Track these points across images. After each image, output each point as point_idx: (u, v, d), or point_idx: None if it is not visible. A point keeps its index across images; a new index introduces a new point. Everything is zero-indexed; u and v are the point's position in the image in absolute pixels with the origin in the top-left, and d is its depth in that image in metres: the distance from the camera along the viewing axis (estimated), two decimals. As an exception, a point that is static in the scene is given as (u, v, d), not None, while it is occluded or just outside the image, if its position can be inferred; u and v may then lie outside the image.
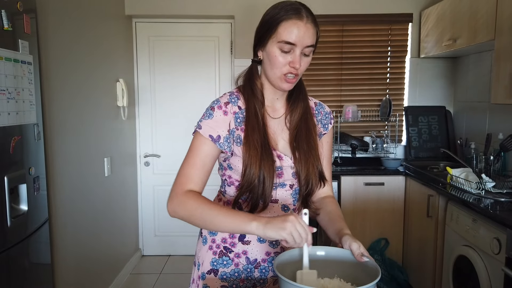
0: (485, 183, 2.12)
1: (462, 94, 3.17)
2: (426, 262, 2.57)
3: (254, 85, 1.14)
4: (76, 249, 2.30)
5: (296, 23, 1.03)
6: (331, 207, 1.19)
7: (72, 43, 2.30)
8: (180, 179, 1.08)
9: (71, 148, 2.26)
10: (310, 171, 1.13)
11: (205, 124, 1.10)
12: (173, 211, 1.05)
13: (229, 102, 1.13)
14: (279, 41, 1.04)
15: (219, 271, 1.17)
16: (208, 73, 3.47)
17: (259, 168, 1.06)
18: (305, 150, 1.13)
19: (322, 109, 1.27)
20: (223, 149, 1.09)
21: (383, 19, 3.25)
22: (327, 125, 1.25)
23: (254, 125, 1.09)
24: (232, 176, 1.15)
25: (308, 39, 1.04)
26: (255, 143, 1.07)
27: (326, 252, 1.02)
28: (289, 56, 1.05)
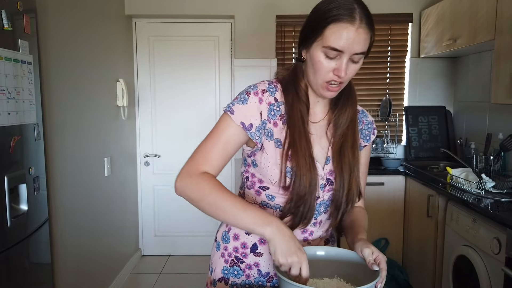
0: (485, 183, 2.12)
1: (462, 94, 3.17)
2: (426, 262, 2.57)
3: (298, 86, 1.03)
4: (76, 249, 2.30)
5: (346, 28, 0.90)
6: (357, 215, 1.11)
7: (72, 43, 2.30)
8: (197, 158, 0.98)
9: (71, 148, 2.26)
10: (353, 184, 1.03)
11: (238, 109, 0.99)
12: (182, 189, 0.96)
13: (266, 90, 1.03)
14: (325, 45, 0.92)
15: (229, 280, 1.12)
16: (208, 73, 3.47)
17: (308, 181, 0.97)
18: (350, 160, 1.03)
19: (365, 118, 1.15)
20: (254, 139, 1.00)
21: (383, 19, 3.25)
22: (368, 136, 1.14)
23: (301, 132, 0.99)
24: (255, 175, 1.06)
25: (358, 46, 0.92)
26: (304, 152, 0.97)
27: (326, 252, 1.02)
28: (335, 63, 0.94)
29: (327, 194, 1.06)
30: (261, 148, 1.02)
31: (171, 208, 3.57)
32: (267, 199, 1.06)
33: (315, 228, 1.09)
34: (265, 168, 1.02)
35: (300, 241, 1.09)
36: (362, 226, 1.07)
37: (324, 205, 1.08)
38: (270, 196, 1.05)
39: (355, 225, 1.07)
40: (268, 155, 1.01)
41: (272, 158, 1.01)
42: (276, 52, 3.31)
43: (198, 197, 0.95)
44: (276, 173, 1.01)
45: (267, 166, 1.02)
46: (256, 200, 1.08)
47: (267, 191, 1.05)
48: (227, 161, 1.01)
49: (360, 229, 1.04)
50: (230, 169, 3.52)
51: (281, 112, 1.03)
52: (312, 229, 1.09)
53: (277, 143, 1.01)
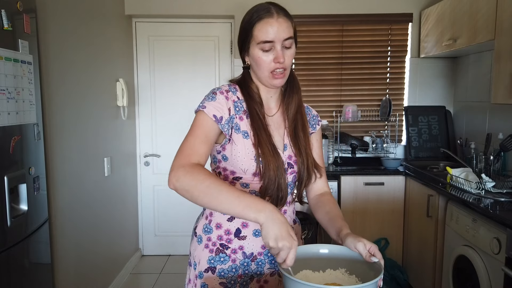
0: (485, 183, 2.12)
1: (462, 94, 3.17)
2: (426, 262, 2.57)
3: (250, 89, 1.18)
4: (76, 249, 2.30)
5: (268, 22, 1.08)
6: (329, 206, 1.21)
7: (72, 43, 2.30)
8: (185, 150, 1.05)
9: (71, 148, 2.26)
10: (309, 160, 1.19)
11: (208, 105, 1.11)
12: (175, 180, 0.99)
13: (229, 90, 1.17)
14: (258, 42, 1.09)
15: (216, 268, 1.17)
16: (208, 73, 3.47)
17: (275, 166, 1.10)
18: (303, 140, 1.19)
19: (310, 112, 1.32)
20: (223, 131, 1.11)
21: (383, 19, 3.25)
22: (315, 125, 1.31)
23: (260, 126, 1.13)
24: (226, 168, 1.15)
25: (283, 33, 1.08)
26: (266, 142, 1.11)
27: (329, 250, 1.03)
28: (271, 54, 1.10)
29: (290, 176, 1.20)
30: (229, 140, 1.13)
31: (171, 208, 3.57)
32: (242, 187, 1.16)
33: (287, 207, 1.21)
34: (235, 159, 1.13)
35: None
36: (340, 217, 1.15)
37: (290, 188, 1.21)
38: (244, 184, 1.15)
39: (333, 218, 1.16)
40: (238, 146, 1.13)
41: (242, 149, 1.12)
42: (276, 52, 3.31)
43: (192, 185, 0.97)
44: (247, 163, 1.12)
45: (238, 157, 1.12)
46: None
47: (241, 180, 1.15)
48: (210, 149, 1.10)
49: (341, 222, 1.12)
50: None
51: (244, 108, 1.17)
52: (285, 208, 1.21)
53: (245, 134, 1.14)
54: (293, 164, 1.19)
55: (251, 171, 1.12)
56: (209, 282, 1.17)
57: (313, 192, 1.28)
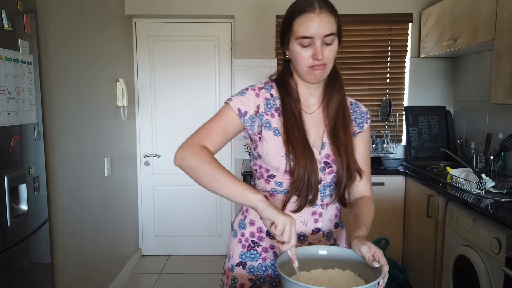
0: (485, 183, 2.12)
1: (462, 94, 3.17)
2: (426, 262, 2.57)
3: (287, 84, 1.16)
4: (76, 248, 2.30)
5: (308, 17, 1.04)
6: (361, 209, 1.16)
7: (72, 43, 2.30)
8: (199, 133, 1.09)
9: (71, 148, 2.26)
10: (350, 160, 1.13)
11: (235, 99, 1.13)
12: (182, 157, 1.04)
13: (263, 88, 1.16)
14: (297, 37, 1.06)
15: (247, 264, 1.19)
16: (208, 73, 3.47)
17: (306, 163, 1.07)
18: (344, 140, 1.13)
19: (358, 109, 1.25)
20: (245, 125, 1.12)
21: (383, 19, 3.25)
22: (362, 124, 1.23)
23: (292, 121, 1.11)
24: (262, 166, 1.16)
25: (324, 29, 1.04)
26: (298, 139, 1.09)
27: (328, 252, 1.03)
28: (310, 49, 1.06)
29: (329, 176, 1.15)
30: (260, 138, 1.13)
31: (171, 208, 3.58)
32: (276, 186, 1.15)
33: (323, 210, 1.17)
34: (267, 157, 1.12)
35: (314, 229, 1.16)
36: (364, 222, 1.11)
37: (329, 189, 1.16)
38: (278, 182, 1.14)
39: (357, 219, 1.12)
40: (269, 143, 1.12)
41: (273, 146, 1.11)
42: (276, 52, 3.31)
43: (198, 164, 1.03)
44: (277, 160, 1.11)
45: (269, 154, 1.12)
46: (266, 188, 1.17)
47: (275, 179, 1.14)
48: (225, 142, 1.12)
49: (360, 226, 1.08)
50: (232, 170, 3.52)
51: (277, 106, 1.15)
52: (320, 211, 1.17)
53: (275, 131, 1.13)
54: (331, 164, 1.14)
55: (282, 169, 1.10)
56: (239, 276, 1.19)
57: (352, 195, 1.24)
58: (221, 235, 3.61)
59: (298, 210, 1.12)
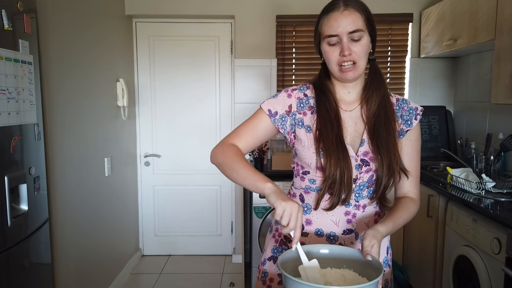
0: (485, 183, 2.12)
1: (463, 94, 3.16)
2: (426, 262, 2.57)
3: (322, 85, 1.18)
4: (76, 249, 2.30)
5: (332, 15, 1.07)
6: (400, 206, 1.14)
7: (72, 43, 2.30)
8: (231, 135, 1.18)
9: (71, 148, 2.26)
10: (392, 159, 1.09)
11: (267, 101, 1.18)
12: (214, 156, 1.14)
13: (296, 89, 1.20)
14: (324, 37, 1.10)
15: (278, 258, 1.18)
16: (208, 73, 3.47)
17: (338, 161, 1.07)
18: (385, 138, 1.11)
19: (406, 105, 1.20)
20: (276, 125, 1.16)
21: (383, 19, 3.25)
22: (410, 121, 1.18)
23: (326, 119, 1.12)
24: (298, 163, 1.19)
25: (349, 25, 1.05)
26: (331, 136, 1.09)
27: (330, 250, 1.03)
28: (338, 47, 1.08)
29: (366, 175, 1.12)
30: (295, 137, 1.17)
31: (171, 208, 3.57)
32: (309, 183, 1.17)
33: (358, 211, 1.16)
34: (300, 153, 1.16)
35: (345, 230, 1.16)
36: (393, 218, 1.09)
37: (368, 191, 1.15)
38: (311, 180, 1.16)
39: (388, 214, 1.11)
40: (302, 140, 1.15)
41: (305, 143, 1.14)
42: (276, 52, 3.31)
43: (222, 160, 1.11)
44: (309, 156, 1.13)
45: (302, 151, 1.15)
46: (301, 185, 1.20)
47: (308, 175, 1.16)
48: (256, 142, 1.18)
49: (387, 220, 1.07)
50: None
51: (310, 104, 1.17)
52: (354, 211, 1.16)
53: (307, 128, 1.15)
54: (369, 162, 1.11)
55: (314, 165, 1.12)
56: (269, 270, 1.23)
57: (396, 194, 1.22)
58: (221, 235, 3.61)
59: (330, 209, 1.12)
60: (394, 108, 1.18)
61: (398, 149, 1.13)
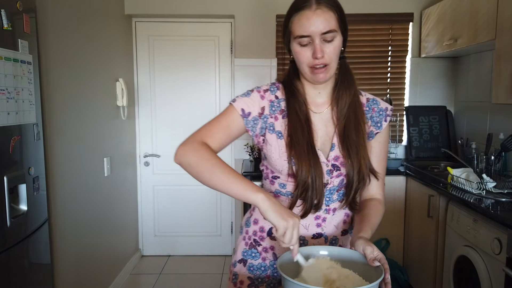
0: (486, 183, 2.11)
1: (463, 94, 3.16)
2: (426, 262, 2.57)
3: (292, 85, 1.12)
4: (75, 249, 2.29)
5: (304, 14, 1.00)
6: (368, 210, 1.11)
7: (72, 43, 2.29)
8: (202, 131, 1.07)
9: (70, 148, 2.26)
10: (362, 163, 1.06)
11: (240, 100, 1.10)
12: (182, 154, 1.01)
13: (268, 90, 1.13)
14: (295, 37, 1.02)
15: (247, 262, 1.19)
16: (208, 73, 3.46)
17: (309, 167, 1.03)
18: (355, 141, 1.07)
19: (376, 106, 1.16)
20: (247, 126, 1.09)
21: (384, 18, 3.24)
22: (380, 123, 1.14)
23: (297, 124, 1.07)
24: (267, 167, 1.15)
25: (321, 25, 0.98)
26: (302, 142, 1.04)
27: (329, 252, 1.02)
28: (310, 48, 1.01)
29: (336, 180, 1.09)
30: (264, 141, 1.11)
31: (171, 208, 3.57)
32: (279, 187, 1.13)
33: (328, 215, 1.13)
34: (271, 159, 1.10)
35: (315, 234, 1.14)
36: (370, 223, 1.07)
37: (337, 194, 1.12)
38: (281, 184, 1.12)
39: (362, 221, 1.08)
40: (272, 146, 1.09)
41: (276, 149, 1.08)
42: (276, 52, 3.31)
43: (198, 161, 1.00)
44: (280, 163, 1.08)
45: (272, 157, 1.09)
46: (271, 189, 1.15)
47: (279, 180, 1.12)
48: (228, 141, 1.09)
49: (365, 227, 1.05)
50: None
51: (281, 108, 1.11)
52: (324, 216, 1.13)
53: (279, 134, 1.09)
54: (340, 166, 1.08)
55: (285, 172, 1.07)
56: (240, 273, 1.20)
57: (362, 196, 1.18)
58: (221, 235, 3.61)
59: (304, 216, 1.08)
60: (364, 109, 1.13)
61: (367, 152, 1.09)
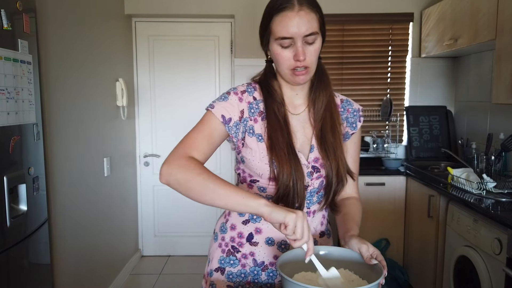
0: (486, 183, 2.11)
1: (463, 94, 3.16)
2: (427, 262, 2.57)
3: (269, 86, 1.10)
4: (75, 249, 2.29)
5: (286, 15, 0.97)
6: (349, 208, 1.13)
7: (72, 43, 2.29)
8: (184, 144, 1.00)
9: (70, 148, 2.26)
10: (340, 165, 1.06)
11: (218, 105, 1.05)
12: (168, 173, 0.95)
13: (245, 91, 1.10)
14: (276, 38, 0.99)
15: (225, 270, 1.15)
16: (208, 73, 3.46)
17: (291, 170, 1.01)
18: (332, 142, 1.07)
19: (350, 106, 1.17)
20: (230, 133, 1.05)
21: (384, 18, 3.24)
22: (355, 124, 1.16)
23: (276, 126, 1.04)
24: (245, 170, 1.11)
25: (304, 28, 0.96)
26: (282, 145, 1.02)
27: (328, 252, 1.02)
28: (291, 50, 0.99)
29: (316, 181, 1.09)
30: (243, 144, 1.07)
31: (171, 208, 3.57)
32: (259, 191, 1.10)
33: (309, 217, 1.12)
34: (250, 163, 1.07)
35: None
36: (355, 221, 1.08)
37: (317, 196, 1.11)
38: (261, 188, 1.09)
39: (347, 219, 1.09)
40: (252, 149, 1.06)
41: (256, 153, 1.06)
42: (277, 52, 3.30)
43: (188, 177, 0.93)
44: (261, 167, 1.05)
45: (252, 161, 1.06)
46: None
47: (258, 183, 1.09)
48: (212, 150, 1.04)
49: (353, 225, 1.06)
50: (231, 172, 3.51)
51: (260, 109, 1.09)
52: None
53: (259, 137, 1.07)
54: (320, 168, 1.08)
55: (266, 175, 1.05)
56: (217, 282, 1.15)
57: (340, 196, 1.17)
58: (221, 235, 3.60)
59: None
60: (339, 110, 1.14)
61: (344, 153, 1.10)
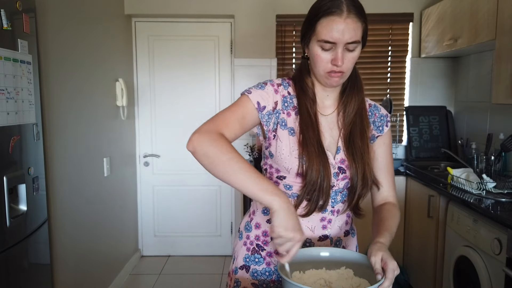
0: (486, 184, 2.11)
1: (463, 94, 3.16)
2: (426, 262, 2.57)
3: (303, 83, 1.11)
4: (75, 249, 2.29)
5: (334, 20, 0.97)
6: (386, 214, 1.12)
7: (72, 43, 2.29)
8: (217, 120, 1.01)
9: (70, 148, 2.25)
10: (366, 169, 1.07)
11: (255, 92, 1.07)
12: (199, 143, 0.95)
13: (281, 84, 1.12)
14: (319, 40, 1.00)
15: (250, 268, 1.17)
16: (208, 73, 3.46)
17: (319, 167, 1.02)
18: (360, 147, 1.08)
19: (377, 111, 1.19)
20: (262, 121, 1.07)
21: (384, 18, 3.24)
22: (381, 127, 1.17)
23: (308, 122, 1.06)
24: (272, 166, 1.12)
25: (349, 35, 0.97)
26: (313, 141, 1.04)
27: (330, 253, 1.02)
28: (331, 54, 1.01)
29: (342, 182, 1.10)
30: (275, 136, 1.09)
31: (171, 208, 3.57)
32: (285, 189, 1.10)
33: (333, 216, 1.13)
34: (280, 157, 1.07)
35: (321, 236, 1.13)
36: (387, 228, 1.07)
37: (341, 195, 1.12)
38: (287, 185, 1.10)
39: (380, 225, 1.08)
40: (283, 143, 1.07)
41: (287, 146, 1.07)
42: (276, 51, 3.31)
43: (215, 152, 0.94)
44: (290, 160, 1.06)
45: (282, 154, 1.07)
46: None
47: (284, 181, 1.10)
48: (242, 132, 1.05)
49: (383, 231, 1.05)
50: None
51: (294, 104, 1.10)
52: (330, 217, 1.13)
53: (291, 131, 1.08)
54: (346, 169, 1.09)
55: (294, 170, 1.06)
56: (242, 280, 1.17)
57: (376, 201, 1.20)
58: (221, 235, 3.61)
59: (307, 215, 1.08)
60: (368, 115, 1.15)
61: (371, 159, 1.11)
